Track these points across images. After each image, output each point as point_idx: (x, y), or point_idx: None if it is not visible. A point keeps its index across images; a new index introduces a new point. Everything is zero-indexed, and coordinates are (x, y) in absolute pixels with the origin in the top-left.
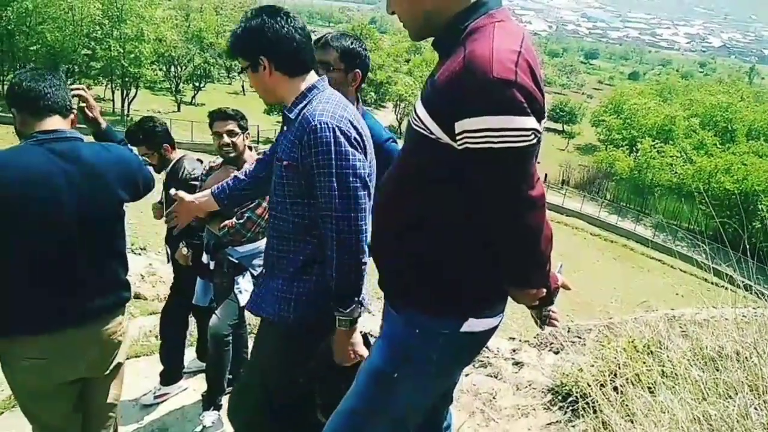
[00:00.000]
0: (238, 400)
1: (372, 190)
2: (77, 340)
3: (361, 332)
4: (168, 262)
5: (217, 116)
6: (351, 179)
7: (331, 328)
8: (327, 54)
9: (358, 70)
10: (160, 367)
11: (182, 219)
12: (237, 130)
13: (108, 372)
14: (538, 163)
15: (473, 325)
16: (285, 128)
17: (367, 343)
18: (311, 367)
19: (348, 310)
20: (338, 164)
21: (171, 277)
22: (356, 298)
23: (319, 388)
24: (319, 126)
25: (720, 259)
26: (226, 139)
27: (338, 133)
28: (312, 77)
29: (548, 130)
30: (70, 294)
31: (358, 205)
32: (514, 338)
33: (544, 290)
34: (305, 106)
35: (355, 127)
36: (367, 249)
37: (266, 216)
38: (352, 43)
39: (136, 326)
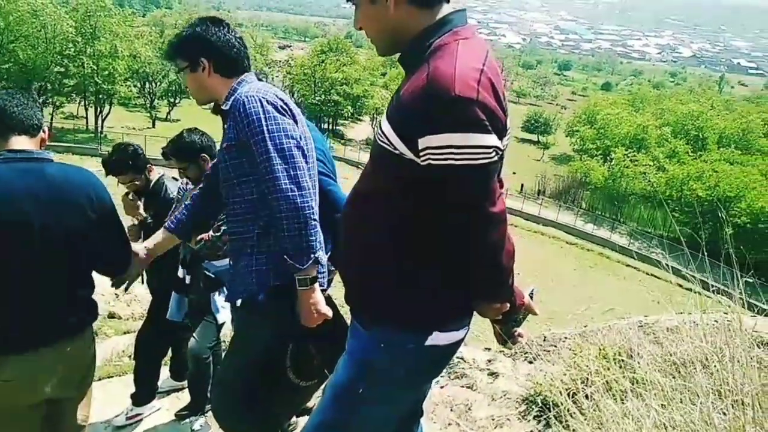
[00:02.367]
0: (217, 393)
1: (307, 154)
2: (43, 360)
3: (324, 293)
4: (142, 284)
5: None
6: (284, 140)
7: (295, 293)
8: None
9: None
10: (133, 388)
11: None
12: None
13: (76, 393)
14: (513, 173)
15: (438, 338)
16: (224, 124)
17: (330, 304)
18: (282, 335)
19: (304, 268)
20: (269, 128)
21: (146, 295)
22: (312, 256)
23: (289, 351)
24: (246, 100)
25: (694, 266)
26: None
27: (264, 102)
28: (242, 76)
29: (523, 140)
30: (35, 314)
31: (295, 164)
32: (489, 348)
33: (508, 304)
34: (235, 95)
35: (280, 98)
36: (314, 206)
37: None
38: None
39: (110, 346)
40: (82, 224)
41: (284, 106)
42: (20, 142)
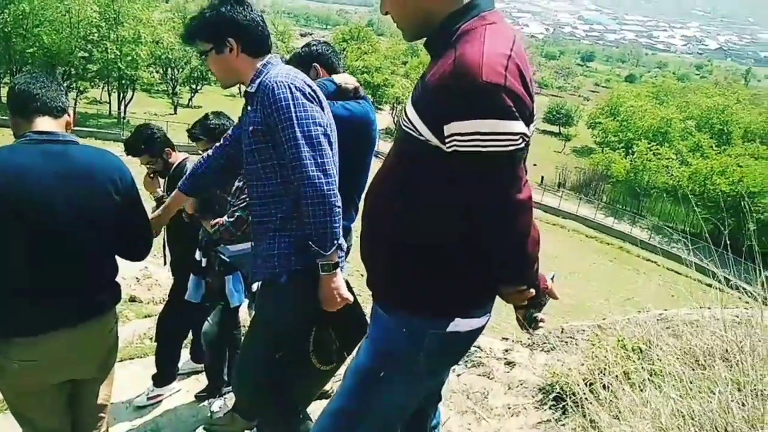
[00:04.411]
0: (239, 375)
1: (332, 141)
2: (67, 341)
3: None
4: (164, 264)
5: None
6: (312, 127)
7: (316, 277)
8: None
9: (315, 63)
10: (154, 370)
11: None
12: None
13: (99, 373)
14: (534, 165)
15: (460, 324)
16: (248, 106)
17: (349, 288)
18: (304, 319)
19: (328, 254)
20: (298, 115)
21: (166, 280)
22: (335, 242)
23: (312, 335)
24: (275, 85)
25: (715, 261)
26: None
27: (293, 89)
28: (267, 57)
29: (545, 132)
30: (59, 295)
31: (322, 151)
32: (507, 338)
33: (533, 290)
34: (262, 78)
35: (308, 85)
36: (338, 193)
37: None
38: (302, 48)
39: (130, 329)
40: (106, 206)
41: (312, 93)
42: (45, 124)
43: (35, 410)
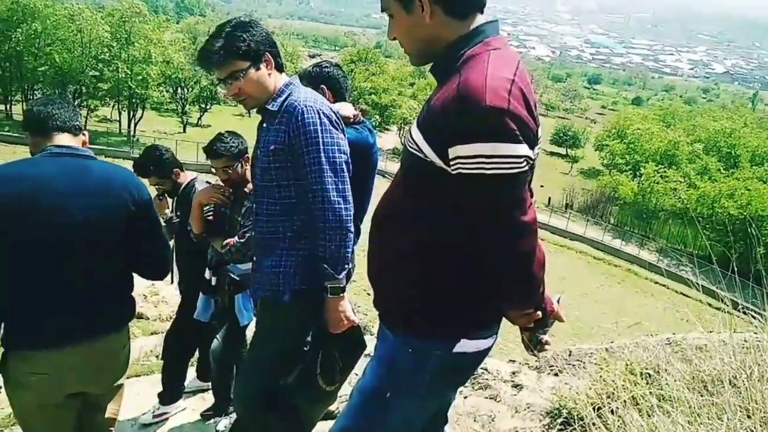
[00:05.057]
0: (241, 386)
1: (350, 169)
2: (78, 356)
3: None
4: (171, 283)
5: (210, 155)
6: (337, 154)
7: (321, 297)
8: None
9: (323, 85)
10: (160, 387)
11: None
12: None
13: (109, 389)
14: (541, 186)
15: (467, 346)
16: (265, 123)
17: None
18: (308, 340)
19: (339, 277)
20: (324, 141)
21: (173, 297)
22: (346, 266)
23: (320, 358)
24: (304, 109)
25: (724, 284)
26: (224, 176)
27: (321, 115)
28: (285, 76)
29: (552, 153)
30: (74, 309)
31: (344, 178)
32: (514, 360)
33: (540, 313)
34: (285, 98)
35: (333, 112)
36: (352, 219)
37: None
38: (312, 67)
39: (137, 346)
40: (122, 220)
41: (337, 120)
42: (65, 139)
43: (44, 425)
